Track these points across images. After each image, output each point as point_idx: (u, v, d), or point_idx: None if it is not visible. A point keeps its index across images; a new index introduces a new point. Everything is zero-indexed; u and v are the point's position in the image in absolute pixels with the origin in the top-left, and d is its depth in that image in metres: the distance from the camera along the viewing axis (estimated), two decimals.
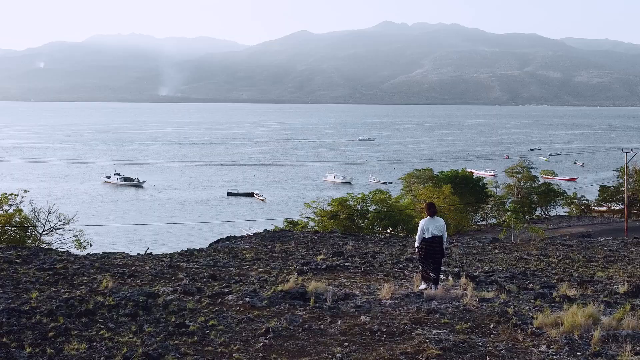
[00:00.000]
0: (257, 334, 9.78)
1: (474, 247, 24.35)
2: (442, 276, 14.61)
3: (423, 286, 13.70)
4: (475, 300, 11.73)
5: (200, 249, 20.22)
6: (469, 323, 10.36)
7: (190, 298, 11.92)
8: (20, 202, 42.04)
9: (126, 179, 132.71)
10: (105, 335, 9.52)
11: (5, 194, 42.18)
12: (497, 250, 22.99)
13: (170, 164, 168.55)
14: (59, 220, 42.24)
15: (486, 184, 67.34)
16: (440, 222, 14.20)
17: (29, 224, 41.81)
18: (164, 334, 9.67)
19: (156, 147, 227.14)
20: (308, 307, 11.23)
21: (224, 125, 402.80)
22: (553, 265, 19.09)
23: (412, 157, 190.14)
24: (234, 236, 26.53)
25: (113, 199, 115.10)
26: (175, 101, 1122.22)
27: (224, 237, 26.73)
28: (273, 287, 12.54)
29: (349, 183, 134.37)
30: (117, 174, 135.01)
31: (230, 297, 12.01)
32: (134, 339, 9.43)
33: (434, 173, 65.59)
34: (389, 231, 47.44)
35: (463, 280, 13.87)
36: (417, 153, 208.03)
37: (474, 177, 66.25)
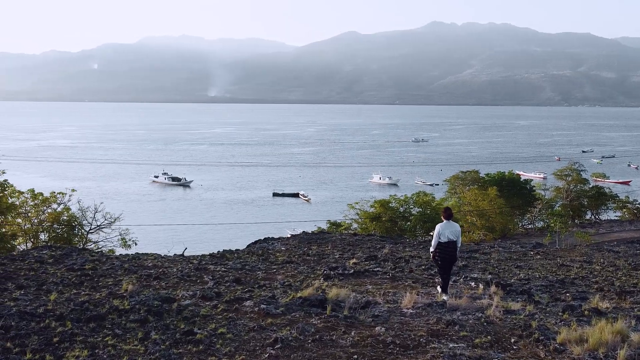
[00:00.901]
0: (265, 343, 9.48)
1: (515, 252, 23.58)
2: (472, 284, 14.21)
3: (445, 297, 13.32)
4: (500, 312, 11.17)
5: (233, 251, 20.05)
6: (489, 337, 9.85)
7: (207, 303, 11.69)
8: (68, 201, 42.75)
9: (174, 179, 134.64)
10: (110, 342, 9.34)
11: (54, 192, 42.86)
12: (539, 256, 22.19)
13: (217, 164, 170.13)
14: (105, 219, 42.75)
15: (534, 186, 65.72)
16: (455, 226, 14.08)
17: (75, 223, 42.43)
18: (169, 342, 9.46)
19: (204, 147, 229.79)
20: (324, 316, 10.84)
21: (272, 125, 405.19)
22: (595, 273, 18.29)
23: (460, 158, 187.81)
24: (272, 237, 26.25)
25: (160, 198, 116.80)
26: (224, 102, 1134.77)
27: (262, 238, 26.50)
28: (292, 294, 12.19)
29: (395, 184, 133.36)
30: (164, 174, 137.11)
31: (247, 303, 11.72)
32: (138, 347, 9.24)
33: (480, 175, 64.31)
34: (431, 234, 46.69)
35: (493, 288, 13.31)
36: (466, 155, 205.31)
37: (521, 180, 64.70)
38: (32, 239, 39.75)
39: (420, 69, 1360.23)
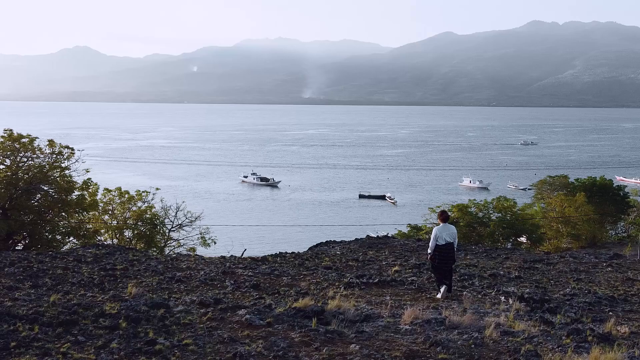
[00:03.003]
0: (223, 358, 9.14)
1: (586, 263, 22.20)
2: (502, 298, 13.44)
3: (439, 295, 13.87)
4: (498, 333, 10.41)
5: (277, 254, 19.95)
6: None
7: (202, 310, 11.50)
8: (152, 200, 44.02)
9: (262, 179, 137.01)
10: (63, 350, 9.19)
11: (139, 191, 44.17)
12: (609, 269, 20.80)
13: (307, 165, 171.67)
14: (186, 218, 43.74)
15: (628, 193, 62.06)
16: (452, 229, 14.54)
17: (157, 221, 43.59)
18: (126, 352, 9.25)
19: (296, 149, 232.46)
20: (307, 329, 10.46)
21: (365, 127, 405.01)
22: None
23: (557, 162, 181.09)
24: (334, 241, 26.00)
25: (248, 198, 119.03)
26: (319, 103, 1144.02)
27: (324, 241, 26.30)
28: (290, 303, 11.86)
29: (486, 188, 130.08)
30: (253, 174, 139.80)
31: (241, 311, 11.43)
32: (90, 356, 9.07)
33: (570, 180, 61.46)
34: (511, 241, 45.01)
35: (515, 304, 12.47)
36: (563, 158, 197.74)
37: (613, 185, 61.28)
38: (116, 236, 41.06)
39: (519, 70, 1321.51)
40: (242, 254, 23.74)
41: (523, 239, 46.97)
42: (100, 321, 10.48)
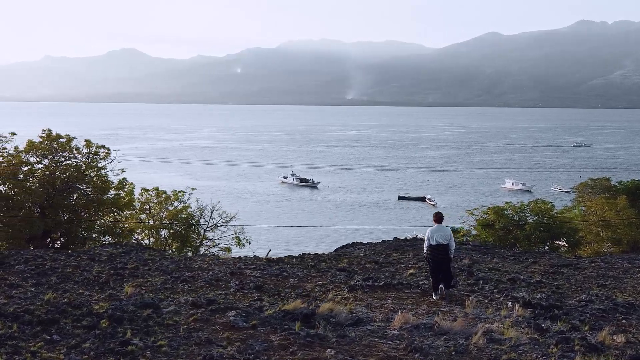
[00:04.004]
0: None
1: (618, 268, 21.50)
2: (509, 303, 13.10)
3: (435, 297, 14.25)
4: (484, 340, 10.15)
5: (299, 256, 19.83)
6: None
7: (192, 311, 11.47)
8: (188, 200, 44.46)
9: (301, 180, 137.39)
10: (33, 349, 9.21)
11: (176, 191, 44.65)
12: None
13: (347, 166, 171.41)
14: (221, 218, 44.05)
15: None
16: (446, 230, 15.07)
17: (192, 221, 44.00)
18: (97, 352, 9.23)
19: (338, 150, 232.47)
20: (287, 333, 10.32)
21: (408, 128, 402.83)
22: None
23: (604, 164, 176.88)
24: (360, 242, 25.81)
25: (287, 199, 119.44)
26: (361, 104, 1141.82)
27: (350, 242, 26.13)
28: (280, 305, 11.77)
29: (529, 191, 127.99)
30: (293, 175, 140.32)
31: (230, 313, 11.37)
32: (60, 356, 9.05)
33: (612, 183, 59.97)
34: (548, 244, 44.02)
35: (519, 311, 12.12)
36: (611, 160, 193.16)
37: None
38: (153, 235, 41.52)
39: (566, 70, 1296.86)
40: (267, 254, 23.77)
41: (561, 243, 45.98)
42: (81, 321, 10.51)
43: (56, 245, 35.09)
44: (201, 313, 11.27)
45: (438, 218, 15.08)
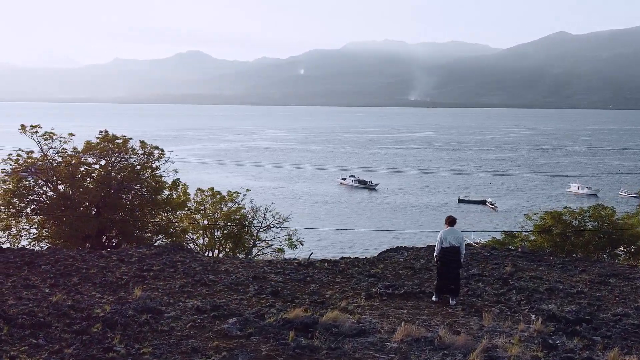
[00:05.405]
0: None
1: None
2: (533, 316, 12.49)
3: (435, 298, 14.39)
4: (482, 357, 9.67)
5: (332, 260, 19.55)
6: None
7: (193, 317, 11.34)
8: (242, 200, 44.85)
9: (360, 181, 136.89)
10: (13, 353, 9.16)
11: (230, 192, 45.12)
12: None
13: (408, 169, 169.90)
14: (274, 219, 44.23)
15: None
16: (458, 233, 15.11)
17: (245, 221, 44.35)
18: (76, 358, 9.13)
19: (400, 151, 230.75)
20: (278, 343, 10.07)
21: (473, 130, 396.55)
22: None
23: None
24: (405, 247, 25.33)
25: (344, 201, 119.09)
26: (424, 106, 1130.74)
27: (394, 247, 25.68)
28: (281, 314, 11.50)
29: (595, 195, 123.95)
30: (352, 176, 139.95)
31: (231, 320, 11.19)
32: None
33: None
34: (607, 252, 42.31)
35: (537, 325, 11.47)
36: None
37: None
38: (207, 235, 42.03)
39: (638, 71, 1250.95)
40: (309, 257, 23.60)
41: (623, 250, 44.15)
42: (72, 325, 10.51)
43: (112, 244, 36.00)
44: (201, 320, 11.17)
45: (450, 221, 15.22)
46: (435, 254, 15.20)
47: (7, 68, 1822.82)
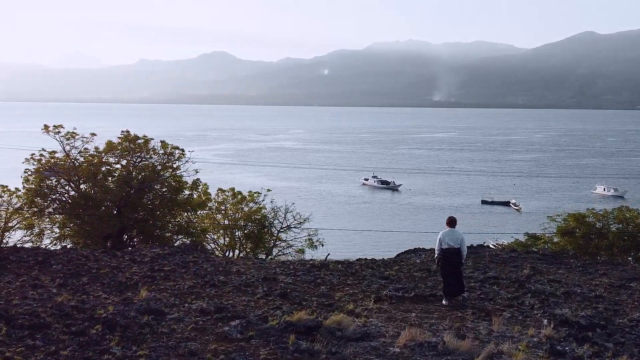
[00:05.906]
0: None
1: None
2: (545, 321, 12.22)
3: (445, 302, 14.27)
4: None
5: (346, 261, 19.38)
6: None
7: (196, 319, 11.24)
8: (262, 201, 44.88)
9: (382, 182, 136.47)
10: (8, 354, 9.08)
11: (251, 192, 45.17)
12: None
13: (431, 169, 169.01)
14: (294, 220, 44.20)
15: None
16: (457, 234, 15.17)
17: (265, 221, 44.38)
18: None
19: (423, 152, 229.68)
20: (278, 346, 9.92)
21: (497, 130, 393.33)
22: None
23: None
24: (422, 248, 25.10)
25: (366, 201, 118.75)
26: (448, 106, 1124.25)
27: (412, 248, 25.46)
28: (284, 317, 11.36)
29: (621, 197, 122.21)
30: (374, 177, 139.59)
31: (234, 322, 11.07)
32: None
33: None
34: (632, 254, 41.60)
35: (548, 330, 11.18)
36: None
37: None
38: (227, 235, 42.10)
39: None
40: (326, 258, 23.49)
41: None
42: (71, 326, 10.47)
43: (133, 243, 36.26)
44: (204, 322, 11.10)
45: (450, 221, 15.34)
46: (435, 255, 15.34)
47: (33, 69, 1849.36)
